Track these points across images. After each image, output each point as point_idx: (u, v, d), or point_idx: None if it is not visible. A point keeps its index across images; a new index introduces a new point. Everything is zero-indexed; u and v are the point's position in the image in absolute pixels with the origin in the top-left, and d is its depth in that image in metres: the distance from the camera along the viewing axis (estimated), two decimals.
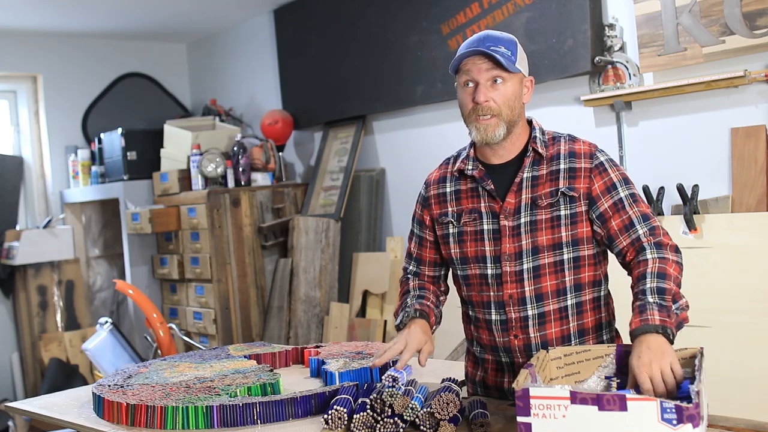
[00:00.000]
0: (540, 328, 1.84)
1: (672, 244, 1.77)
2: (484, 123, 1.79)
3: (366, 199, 4.32)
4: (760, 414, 2.28)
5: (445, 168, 1.99)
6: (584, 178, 1.81)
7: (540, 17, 3.35)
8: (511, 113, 1.81)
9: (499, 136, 1.80)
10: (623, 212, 1.79)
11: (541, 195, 1.82)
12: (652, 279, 1.68)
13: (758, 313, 2.67)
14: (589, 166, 1.82)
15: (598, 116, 3.30)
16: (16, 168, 5.09)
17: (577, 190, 1.81)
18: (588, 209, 1.82)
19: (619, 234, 1.79)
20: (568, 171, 1.82)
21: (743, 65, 2.80)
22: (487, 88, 1.78)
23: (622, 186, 1.81)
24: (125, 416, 1.87)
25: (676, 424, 1.28)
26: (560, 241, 1.81)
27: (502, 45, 1.78)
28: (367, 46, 4.24)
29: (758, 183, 2.79)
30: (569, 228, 1.81)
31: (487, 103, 1.78)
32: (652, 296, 1.65)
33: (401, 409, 1.67)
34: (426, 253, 2.03)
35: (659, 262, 1.72)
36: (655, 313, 1.61)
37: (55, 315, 5.02)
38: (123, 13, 4.72)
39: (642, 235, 1.77)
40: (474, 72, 1.79)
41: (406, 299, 2.00)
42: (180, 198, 4.48)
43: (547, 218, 1.82)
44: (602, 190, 1.81)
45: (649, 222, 1.79)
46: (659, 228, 1.79)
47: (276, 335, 4.36)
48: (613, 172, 1.82)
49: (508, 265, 1.83)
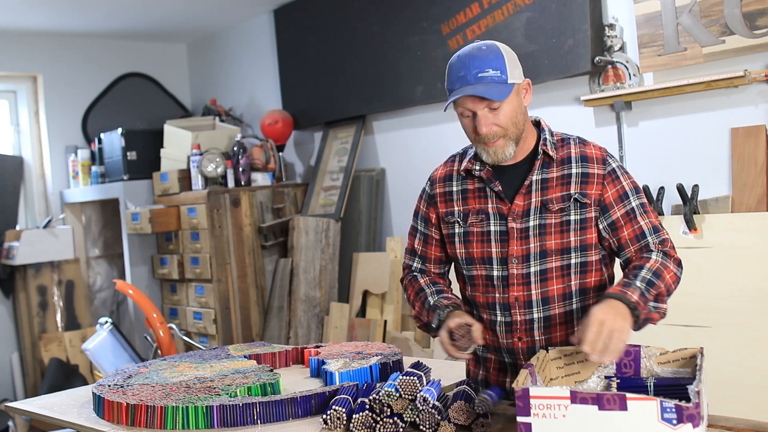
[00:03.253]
0: (545, 332, 1.83)
1: (677, 258, 1.80)
2: (492, 146, 1.78)
3: (366, 199, 4.32)
4: (760, 414, 2.29)
5: (451, 166, 1.96)
6: (597, 184, 1.81)
7: (540, 17, 3.35)
8: (516, 128, 1.79)
9: (510, 154, 1.80)
10: (635, 222, 1.81)
11: (552, 199, 1.81)
12: (647, 272, 1.71)
13: (758, 313, 2.67)
14: (602, 173, 1.82)
15: (598, 116, 3.30)
16: (16, 168, 5.09)
17: (590, 196, 1.80)
18: (599, 216, 1.82)
19: (630, 244, 1.81)
20: (580, 176, 1.81)
21: (743, 65, 2.80)
22: (486, 116, 1.75)
23: (633, 195, 1.82)
24: (125, 416, 1.87)
25: (676, 424, 1.28)
26: (569, 246, 1.81)
27: (489, 67, 1.72)
28: (367, 46, 4.24)
29: (758, 183, 2.79)
30: (578, 233, 1.81)
31: (490, 130, 1.76)
32: (641, 283, 1.68)
33: (401, 409, 1.67)
34: (432, 250, 2.01)
35: (660, 264, 1.74)
36: (636, 293, 1.65)
37: (55, 315, 5.02)
38: (123, 13, 4.72)
39: (651, 244, 1.80)
40: (469, 105, 1.76)
41: (427, 299, 1.94)
42: (180, 198, 4.48)
43: (557, 222, 1.81)
44: (615, 198, 1.81)
45: (659, 234, 1.81)
46: (669, 241, 1.82)
47: (276, 335, 4.36)
48: (625, 180, 1.83)
49: (516, 267, 1.82)
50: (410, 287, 2.02)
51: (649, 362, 1.67)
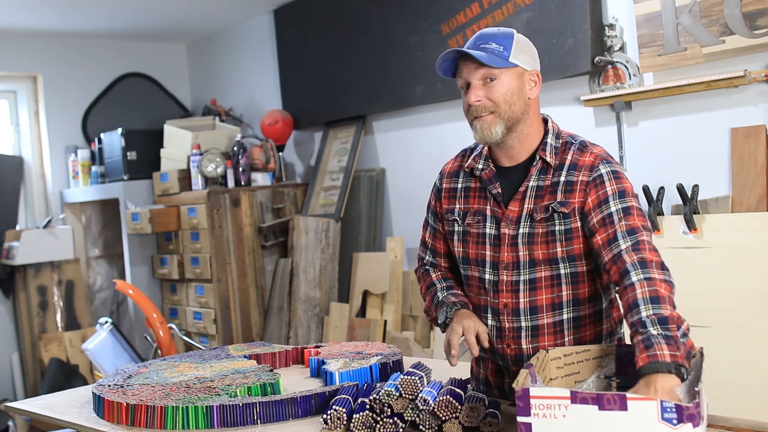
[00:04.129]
0: (533, 341, 1.80)
1: (657, 260, 1.63)
2: (480, 122, 1.75)
3: (366, 199, 4.32)
4: (760, 414, 2.28)
5: (460, 161, 1.95)
6: (579, 192, 1.74)
7: (540, 17, 3.35)
8: (510, 109, 1.75)
9: (496, 134, 1.75)
10: (610, 227, 1.68)
11: (537, 208, 1.77)
12: (646, 306, 1.54)
13: (758, 313, 2.67)
14: (586, 180, 1.74)
15: (598, 116, 3.30)
16: (16, 168, 5.09)
17: (570, 205, 1.74)
18: (582, 224, 1.75)
19: (602, 249, 1.69)
20: (564, 185, 1.76)
21: (743, 65, 2.79)
22: (479, 87, 1.75)
23: (615, 200, 1.70)
24: (125, 416, 1.87)
25: (677, 424, 1.28)
26: (555, 257, 1.76)
27: (494, 41, 1.74)
28: (367, 46, 4.24)
29: (758, 183, 2.79)
30: (563, 244, 1.76)
31: (479, 103, 1.74)
32: (654, 327, 1.50)
33: (401, 409, 1.67)
34: (439, 244, 2.00)
35: (647, 285, 1.57)
36: (663, 347, 1.45)
37: (55, 315, 5.02)
38: (123, 13, 4.72)
39: (624, 251, 1.64)
40: (465, 74, 1.76)
41: (436, 294, 1.94)
42: (180, 198, 4.48)
43: (543, 232, 1.76)
44: (594, 205, 1.72)
45: (635, 236, 1.66)
46: (645, 242, 1.65)
47: (276, 335, 4.36)
48: (611, 185, 1.72)
49: (505, 274, 1.80)
50: (422, 281, 2.03)
51: None
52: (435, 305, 1.93)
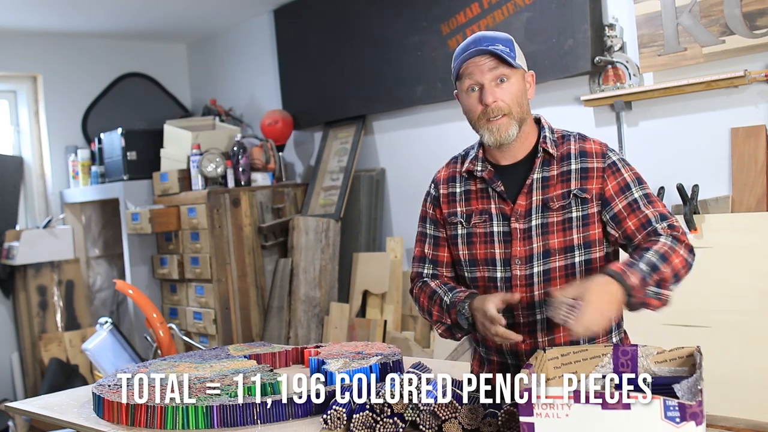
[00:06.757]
0: (549, 333, 1.81)
1: (688, 243, 1.72)
2: (496, 124, 1.75)
3: (366, 199, 4.32)
4: (760, 414, 2.28)
5: (454, 167, 1.94)
6: (597, 178, 1.78)
7: (540, 17, 3.35)
8: (521, 110, 1.77)
9: (512, 135, 1.77)
10: (639, 212, 1.75)
11: (552, 197, 1.78)
12: (653, 254, 1.65)
13: (758, 313, 2.67)
14: (602, 166, 1.78)
15: (598, 116, 3.30)
16: (16, 168, 5.09)
17: (590, 191, 1.78)
18: (601, 210, 1.79)
19: (637, 233, 1.75)
20: (580, 171, 1.79)
21: (743, 65, 2.79)
22: (493, 88, 1.75)
23: (636, 186, 1.78)
24: (125, 416, 1.87)
25: (680, 422, 1.28)
26: (572, 244, 1.78)
27: (498, 43, 1.75)
28: (367, 46, 4.24)
29: (758, 183, 2.79)
30: (581, 230, 1.78)
31: (496, 104, 1.74)
32: (645, 265, 1.62)
33: (401, 409, 1.67)
34: (443, 252, 1.94)
35: (669, 247, 1.68)
36: (636, 277, 1.60)
37: (55, 315, 5.01)
38: (123, 13, 4.72)
39: (659, 228, 1.74)
40: (477, 74, 1.75)
41: (442, 299, 1.86)
42: (180, 198, 4.48)
43: (559, 221, 1.78)
44: (616, 191, 1.77)
45: (668, 220, 1.75)
46: (679, 227, 1.75)
47: (276, 335, 4.36)
48: (627, 171, 1.79)
49: (518, 268, 1.80)
50: (422, 294, 1.93)
51: (647, 361, 1.67)
52: (446, 310, 1.85)
